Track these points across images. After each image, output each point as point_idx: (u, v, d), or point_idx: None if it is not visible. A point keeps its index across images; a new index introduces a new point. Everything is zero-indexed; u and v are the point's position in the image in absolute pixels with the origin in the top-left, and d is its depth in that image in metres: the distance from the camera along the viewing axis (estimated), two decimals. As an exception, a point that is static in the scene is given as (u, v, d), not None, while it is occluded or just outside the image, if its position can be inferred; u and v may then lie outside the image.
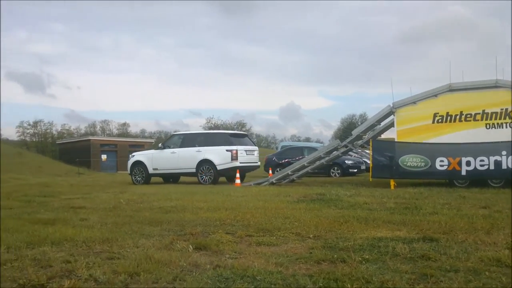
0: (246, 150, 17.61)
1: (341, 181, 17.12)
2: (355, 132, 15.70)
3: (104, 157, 45.59)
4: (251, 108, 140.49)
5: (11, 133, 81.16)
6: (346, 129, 67.30)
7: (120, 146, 47.62)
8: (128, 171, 18.71)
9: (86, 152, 43.74)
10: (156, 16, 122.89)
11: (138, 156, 18.74)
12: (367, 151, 15.18)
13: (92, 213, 7.71)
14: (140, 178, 18.05)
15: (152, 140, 57.74)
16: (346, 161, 22.16)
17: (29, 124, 75.01)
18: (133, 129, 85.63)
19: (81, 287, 3.53)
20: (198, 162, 17.18)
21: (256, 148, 18.66)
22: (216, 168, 17.02)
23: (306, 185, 14.77)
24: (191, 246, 4.87)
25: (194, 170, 17.32)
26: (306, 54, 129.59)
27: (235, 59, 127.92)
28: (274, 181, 15.90)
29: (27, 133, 75.02)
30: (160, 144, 19.19)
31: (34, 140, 73.85)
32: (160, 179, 18.82)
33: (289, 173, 16.13)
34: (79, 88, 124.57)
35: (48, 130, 76.89)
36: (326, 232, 5.79)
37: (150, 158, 18.15)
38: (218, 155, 17.12)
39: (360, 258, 4.27)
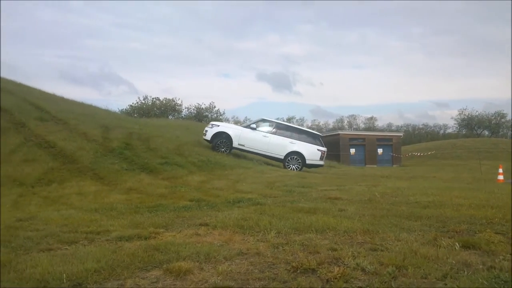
0: (325, 151, 20.53)
1: None
2: None
3: (352, 151, 46.69)
4: (508, 96, 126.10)
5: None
6: None
7: (368, 140, 48.08)
8: (208, 138, 19.30)
9: (335, 146, 45.41)
10: (402, 6, 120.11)
11: (223, 127, 19.69)
12: None
13: (348, 205, 7.88)
14: (224, 149, 19.03)
15: (401, 134, 56.68)
16: None
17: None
18: (380, 123, 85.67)
19: (349, 275, 3.62)
20: (289, 152, 19.44)
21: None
22: (305, 161, 19.54)
23: None
24: (457, 244, 4.59)
25: (282, 157, 19.52)
26: None
27: (490, 44, 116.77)
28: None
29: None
30: (252, 124, 19.95)
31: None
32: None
33: None
34: (321, 84, 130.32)
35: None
36: None
37: (238, 133, 19.32)
38: (310, 151, 19.70)
39: None
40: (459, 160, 42.35)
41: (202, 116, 64.59)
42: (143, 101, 65.20)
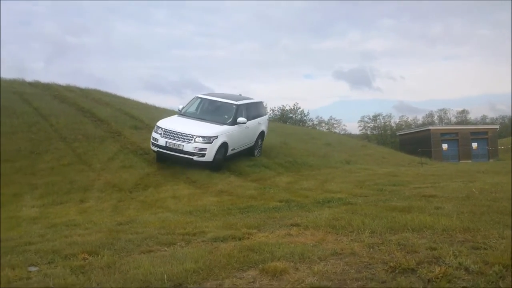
0: None
1: None
2: None
3: (445, 146, 44.73)
4: None
5: (353, 127, 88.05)
6: None
7: (461, 134, 45.87)
8: (210, 159, 13.16)
9: (426, 142, 43.70)
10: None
11: (224, 136, 13.50)
12: None
13: (445, 202, 7.54)
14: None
15: (496, 127, 53.48)
16: None
17: (369, 118, 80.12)
18: (472, 116, 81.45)
19: (452, 275, 3.47)
20: (258, 135, 15.52)
21: None
22: (264, 137, 15.93)
23: None
24: None
25: (253, 144, 15.40)
26: None
27: None
28: None
29: (368, 127, 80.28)
30: (241, 118, 14.15)
31: (374, 133, 78.42)
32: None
33: None
34: (402, 78, 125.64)
35: (387, 123, 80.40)
36: None
37: (230, 136, 13.83)
38: (266, 125, 16.24)
39: None
40: None
41: (287, 117, 64.81)
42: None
